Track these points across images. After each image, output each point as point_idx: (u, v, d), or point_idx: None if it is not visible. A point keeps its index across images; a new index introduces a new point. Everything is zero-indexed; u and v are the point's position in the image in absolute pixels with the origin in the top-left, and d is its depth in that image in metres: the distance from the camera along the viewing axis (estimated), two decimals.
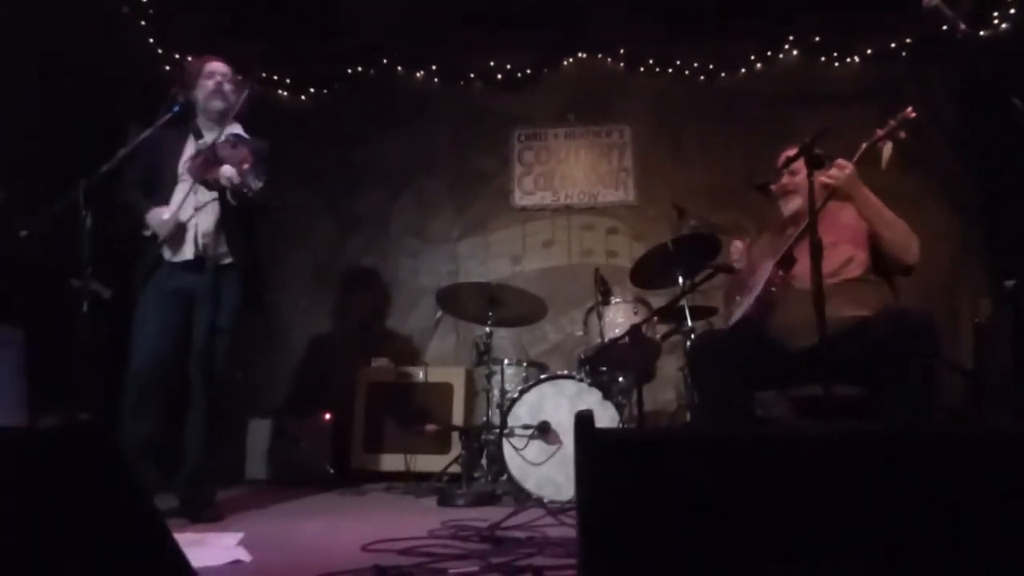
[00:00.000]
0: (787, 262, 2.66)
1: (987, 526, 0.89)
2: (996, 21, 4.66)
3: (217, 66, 3.24)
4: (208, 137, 3.08)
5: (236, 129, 3.17)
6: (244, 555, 2.06)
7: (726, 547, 0.85)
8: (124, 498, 0.86)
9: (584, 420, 0.87)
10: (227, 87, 3.20)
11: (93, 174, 2.58)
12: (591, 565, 0.82)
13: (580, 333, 4.22)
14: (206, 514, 2.90)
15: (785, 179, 2.87)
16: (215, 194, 3.01)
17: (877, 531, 0.88)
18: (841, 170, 2.59)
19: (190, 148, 3.09)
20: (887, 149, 2.52)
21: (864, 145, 2.59)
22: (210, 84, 3.18)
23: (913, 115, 2.51)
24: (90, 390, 2.55)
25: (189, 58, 3.29)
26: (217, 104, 3.17)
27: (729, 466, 0.87)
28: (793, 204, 2.88)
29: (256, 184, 2.90)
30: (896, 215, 2.65)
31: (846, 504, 0.88)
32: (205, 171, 2.93)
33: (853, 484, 0.89)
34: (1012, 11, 4.61)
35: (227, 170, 2.90)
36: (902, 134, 2.52)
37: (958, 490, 0.90)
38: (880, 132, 2.55)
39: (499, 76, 5.43)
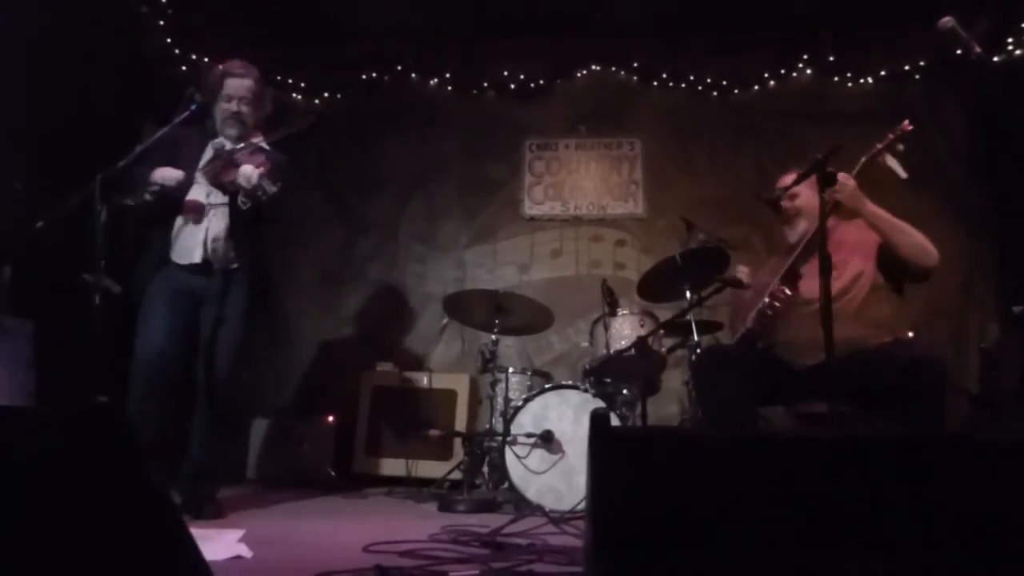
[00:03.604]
0: (791, 278, 2.67)
1: (985, 533, 0.89)
2: (1011, 47, 4.67)
3: (238, 87, 3.09)
4: (225, 141, 3.09)
5: (257, 139, 3.13)
6: (245, 551, 2.07)
7: (735, 547, 0.85)
8: (138, 483, 0.88)
9: (599, 418, 0.88)
10: (245, 109, 3.11)
11: (109, 169, 2.60)
12: (601, 562, 0.83)
13: (586, 344, 4.22)
14: (207, 511, 2.90)
15: (786, 205, 2.88)
16: (226, 198, 3.02)
17: (880, 532, 0.89)
18: (844, 184, 2.59)
19: (209, 151, 3.08)
20: (892, 162, 2.53)
21: (863, 159, 2.60)
22: (228, 108, 3.09)
23: (910, 128, 2.51)
24: (99, 384, 2.56)
25: (208, 61, 3.19)
26: (232, 132, 3.09)
27: (740, 468, 0.87)
28: (799, 228, 2.87)
29: (271, 188, 2.87)
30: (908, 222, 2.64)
31: (859, 507, 0.89)
32: (222, 174, 2.93)
33: (866, 488, 0.89)
34: None
35: (246, 170, 2.87)
36: (900, 147, 2.53)
37: (959, 497, 0.90)
38: (879, 146, 2.56)
39: (512, 86, 5.46)
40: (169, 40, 4.86)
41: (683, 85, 5.35)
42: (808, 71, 5.24)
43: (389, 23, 5.16)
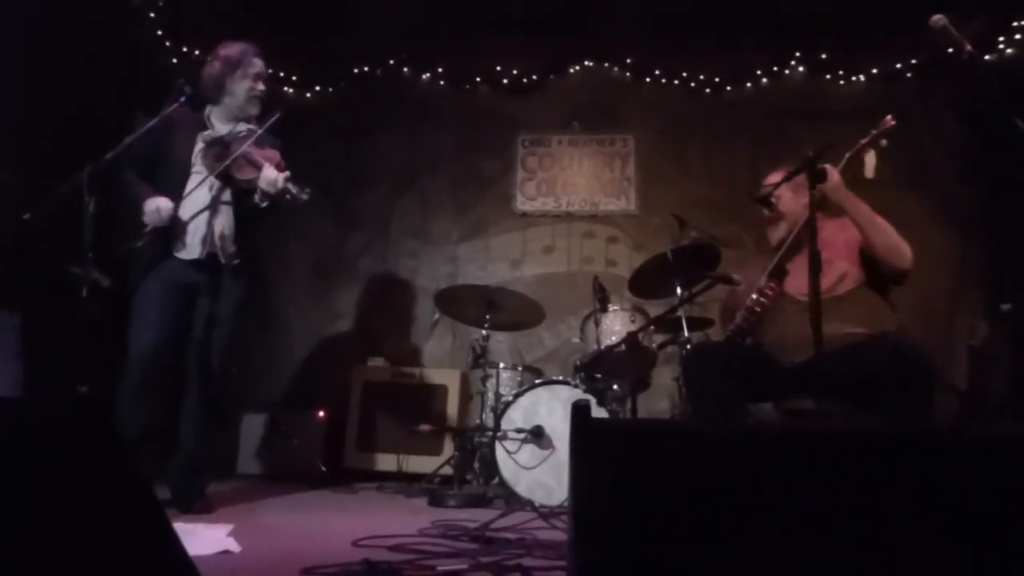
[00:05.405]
0: (778, 274, 2.67)
1: (971, 525, 0.90)
2: (1002, 46, 4.69)
3: (262, 66, 3.13)
4: (221, 129, 3.06)
5: (249, 123, 3.12)
6: (233, 546, 2.06)
7: (717, 540, 0.85)
8: (120, 476, 0.87)
9: (580, 410, 0.88)
10: (264, 88, 3.14)
11: (98, 160, 2.58)
12: (583, 555, 0.83)
13: (577, 340, 4.22)
14: (196, 506, 2.90)
15: (767, 212, 2.89)
16: (228, 191, 2.99)
17: (867, 526, 0.89)
18: (830, 177, 2.59)
19: (201, 139, 3.03)
20: (870, 158, 2.54)
21: (847, 154, 2.61)
22: (256, 87, 3.09)
23: (892, 123, 2.52)
24: (87, 376, 2.54)
25: (228, 44, 3.11)
26: (255, 111, 3.10)
27: (723, 460, 0.88)
28: (779, 232, 2.88)
29: (302, 196, 2.85)
30: (889, 223, 2.65)
31: (839, 499, 0.89)
32: (233, 169, 2.88)
33: (846, 480, 0.90)
34: (1017, 36, 4.64)
35: (270, 175, 2.83)
36: (884, 142, 2.54)
37: (945, 489, 0.91)
38: (862, 141, 2.57)
39: (505, 81, 5.45)
40: (160, 32, 4.83)
41: (676, 82, 5.35)
42: (801, 69, 5.25)
43: (382, 17, 5.14)
